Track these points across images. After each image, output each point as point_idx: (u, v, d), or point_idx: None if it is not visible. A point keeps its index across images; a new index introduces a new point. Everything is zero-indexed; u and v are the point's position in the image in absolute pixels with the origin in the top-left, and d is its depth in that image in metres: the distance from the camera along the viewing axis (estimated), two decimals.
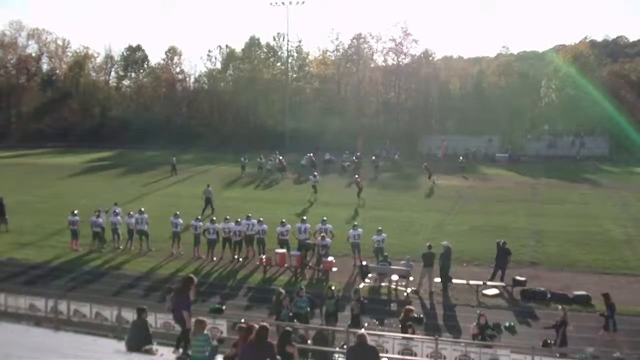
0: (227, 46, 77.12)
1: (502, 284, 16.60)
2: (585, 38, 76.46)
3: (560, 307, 13.15)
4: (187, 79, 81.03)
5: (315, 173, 34.37)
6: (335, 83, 72.35)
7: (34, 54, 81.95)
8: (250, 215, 20.36)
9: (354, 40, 71.37)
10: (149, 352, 10.38)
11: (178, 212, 21.01)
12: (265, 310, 14.54)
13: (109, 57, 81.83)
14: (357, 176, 32.85)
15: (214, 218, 20.10)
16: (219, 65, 77.51)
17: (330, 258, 17.80)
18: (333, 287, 14.28)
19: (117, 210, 21.97)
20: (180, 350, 10.21)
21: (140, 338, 10.46)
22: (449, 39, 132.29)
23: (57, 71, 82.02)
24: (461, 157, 40.87)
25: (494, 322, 13.23)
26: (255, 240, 19.53)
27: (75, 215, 21.38)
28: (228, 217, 20.23)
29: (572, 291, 15.72)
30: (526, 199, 30.91)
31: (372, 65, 73.59)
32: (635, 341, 12.92)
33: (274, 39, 75.30)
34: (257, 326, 8.72)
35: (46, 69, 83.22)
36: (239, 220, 19.95)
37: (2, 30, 79.89)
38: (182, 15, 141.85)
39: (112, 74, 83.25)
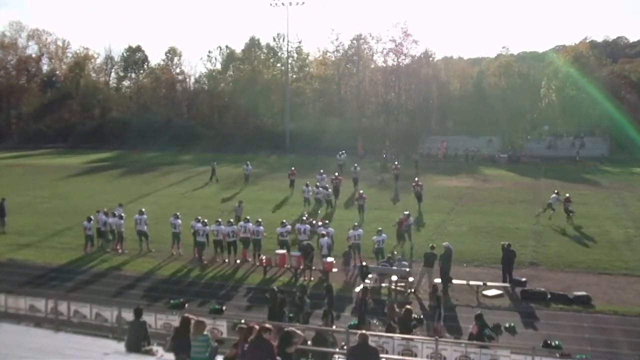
0: (227, 47, 77.43)
1: (507, 285, 16.58)
2: (586, 38, 76.81)
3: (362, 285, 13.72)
4: (187, 79, 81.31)
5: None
6: (336, 84, 72.42)
7: (34, 55, 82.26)
8: (248, 217, 20.29)
9: (354, 41, 71.54)
10: (149, 352, 10.38)
11: (178, 213, 21.00)
12: (265, 311, 14.51)
13: (109, 58, 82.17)
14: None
15: (206, 220, 19.95)
16: (219, 66, 77.74)
17: (331, 259, 17.79)
18: (326, 285, 14.22)
19: (116, 212, 21.85)
20: None
21: (139, 338, 10.47)
22: (449, 39, 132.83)
23: (57, 72, 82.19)
24: None
25: (494, 322, 13.24)
26: (252, 242, 19.47)
27: (90, 221, 21.11)
28: (220, 219, 20.09)
29: (572, 291, 15.70)
30: (526, 199, 30.91)
31: (372, 66, 73.75)
32: (636, 342, 12.92)
33: (274, 39, 75.65)
34: (257, 327, 8.72)
35: (46, 70, 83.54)
36: (231, 221, 19.78)
37: (2, 31, 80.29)
38: (182, 16, 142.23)
39: (112, 74, 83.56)
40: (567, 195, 25.78)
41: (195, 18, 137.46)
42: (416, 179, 29.76)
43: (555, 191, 25.59)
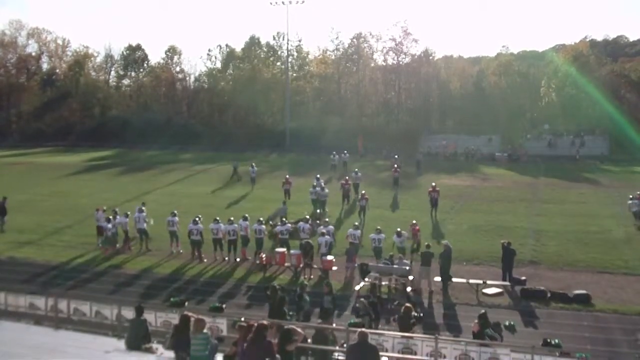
0: (227, 45, 77.40)
1: (507, 283, 16.57)
2: (585, 38, 76.84)
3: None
4: (187, 78, 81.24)
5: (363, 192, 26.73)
6: (336, 82, 72.38)
7: (34, 54, 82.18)
8: (247, 215, 20.26)
9: (354, 40, 71.52)
10: (149, 350, 10.39)
11: (176, 212, 20.94)
12: (265, 309, 14.52)
13: (108, 57, 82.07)
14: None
15: (197, 219, 19.89)
16: (219, 65, 77.68)
17: (331, 257, 17.79)
18: (327, 283, 14.22)
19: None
20: None
21: (139, 337, 10.48)
22: (449, 38, 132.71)
23: (57, 70, 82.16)
24: None
25: (494, 321, 13.23)
26: (254, 240, 19.46)
27: (110, 222, 20.77)
28: (218, 218, 20.06)
29: (572, 290, 15.71)
30: (526, 198, 30.90)
31: (372, 65, 73.70)
32: (636, 341, 12.92)
33: (274, 38, 75.60)
34: (257, 325, 8.73)
35: (46, 69, 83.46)
36: (231, 219, 19.79)
37: (2, 30, 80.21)
38: (182, 15, 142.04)
39: (112, 73, 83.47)
40: (638, 193, 25.15)
41: (195, 17, 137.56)
42: (433, 184, 28.05)
43: (630, 196, 25.31)
